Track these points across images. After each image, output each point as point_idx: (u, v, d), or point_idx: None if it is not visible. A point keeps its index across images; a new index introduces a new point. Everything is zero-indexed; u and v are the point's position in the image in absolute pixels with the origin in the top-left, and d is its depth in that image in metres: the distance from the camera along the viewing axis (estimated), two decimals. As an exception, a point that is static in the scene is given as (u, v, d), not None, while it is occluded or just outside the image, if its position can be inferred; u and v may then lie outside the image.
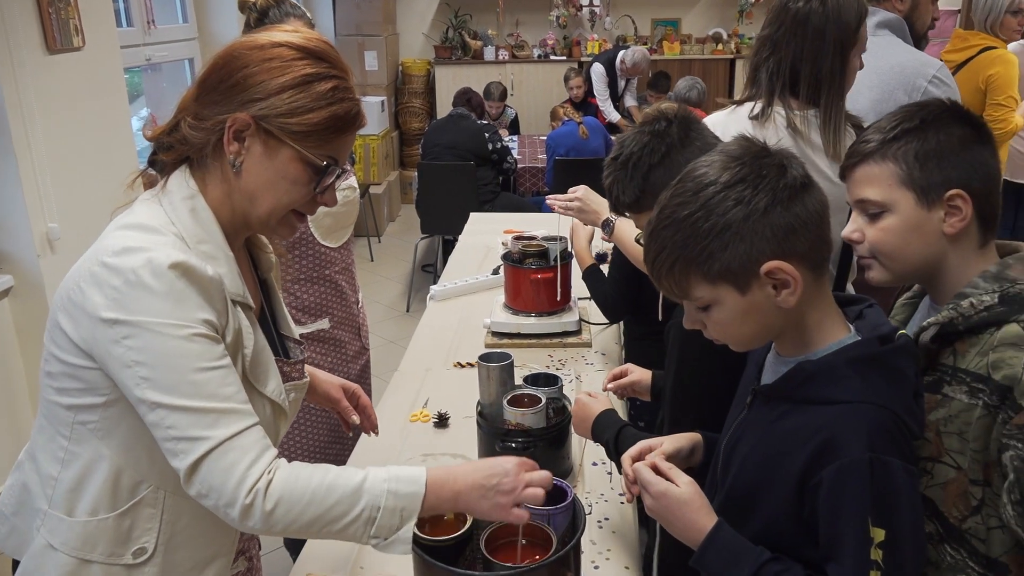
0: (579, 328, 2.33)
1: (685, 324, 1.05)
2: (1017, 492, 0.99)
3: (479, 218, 3.72)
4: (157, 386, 1.00)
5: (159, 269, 1.00)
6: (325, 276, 2.12)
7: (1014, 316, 1.03)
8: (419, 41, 7.80)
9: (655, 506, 1.06)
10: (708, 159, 1.00)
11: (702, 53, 7.65)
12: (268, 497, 1.01)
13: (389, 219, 6.86)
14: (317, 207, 1.14)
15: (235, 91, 1.06)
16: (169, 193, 1.10)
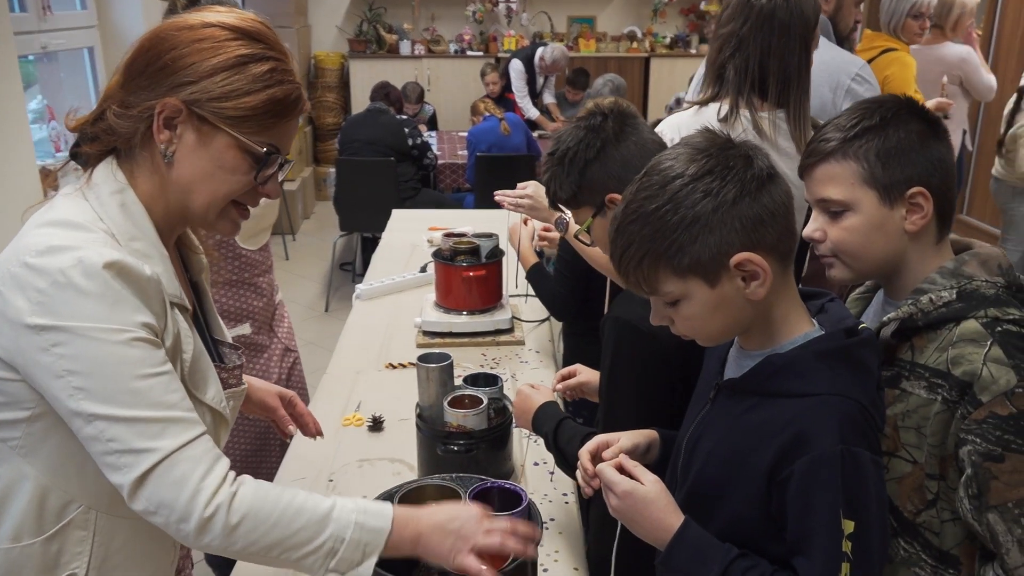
0: (512, 326, 2.30)
1: (652, 320, 1.03)
2: (974, 486, 1.01)
3: (402, 215, 3.65)
4: (94, 396, 0.92)
5: (92, 269, 0.92)
6: (245, 280, 2.04)
7: (972, 312, 1.04)
8: (332, 34, 7.61)
9: (620, 506, 1.04)
10: (673, 152, 0.98)
11: (617, 51, 7.74)
12: (233, 511, 0.94)
13: (304, 216, 6.67)
14: (259, 199, 1.07)
15: (164, 75, 0.98)
16: (95, 187, 1.01)
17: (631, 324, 1.25)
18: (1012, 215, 4.46)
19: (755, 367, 1.00)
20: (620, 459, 1.07)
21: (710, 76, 1.86)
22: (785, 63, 1.78)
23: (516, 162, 4.89)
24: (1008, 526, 0.99)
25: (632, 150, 1.29)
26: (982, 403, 1.00)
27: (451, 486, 1.17)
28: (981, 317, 1.03)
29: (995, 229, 5.65)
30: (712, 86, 1.85)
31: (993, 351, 1.01)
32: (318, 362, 2.24)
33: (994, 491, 0.99)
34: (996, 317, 1.03)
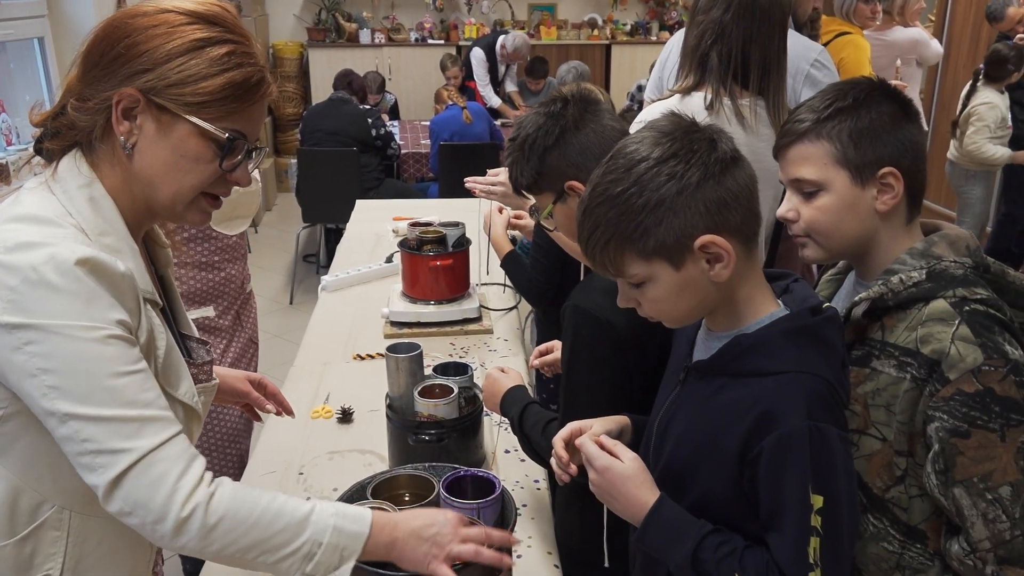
0: (480, 315, 2.30)
1: (619, 302, 1.04)
2: (941, 462, 1.03)
3: (366, 205, 3.62)
4: (69, 395, 0.90)
5: (64, 266, 0.90)
6: (215, 263, 2.02)
7: (941, 292, 1.06)
8: (290, 23, 7.51)
9: (599, 481, 1.05)
10: (639, 135, 0.99)
11: (578, 38, 7.74)
12: (211, 512, 0.92)
13: (265, 208, 6.58)
14: (229, 188, 1.04)
15: (119, 64, 0.96)
16: (61, 180, 0.99)
17: (588, 312, 1.26)
18: (966, 197, 4.57)
19: (723, 348, 1.01)
20: (601, 438, 1.08)
21: (691, 64, 1.86)
22: (765, 50, 1.80)
23: (479, 150, 4.87)
24: (973, 500, 1.01)
25: (591, 138, 1.29)
26: (949, 381, 1.02)
27: (424, 475, 1.17)
28: (950, 297, 1.06)
29: (950, 211, 5.77)
30: (694, 74, 1.85)
31: (961, 330, 1.03)
32: (284, 355, 2.22)
33: (960, 466, 1.02)
34: (964, 297, 1.05)
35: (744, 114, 1.80)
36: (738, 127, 1.80)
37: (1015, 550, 1.00)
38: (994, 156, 4.25)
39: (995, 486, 1.00)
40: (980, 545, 1.02)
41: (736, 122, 1.80)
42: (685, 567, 0.98)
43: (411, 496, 1.16)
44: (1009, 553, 1.00)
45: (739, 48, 1.79)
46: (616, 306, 1.16)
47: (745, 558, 0.96)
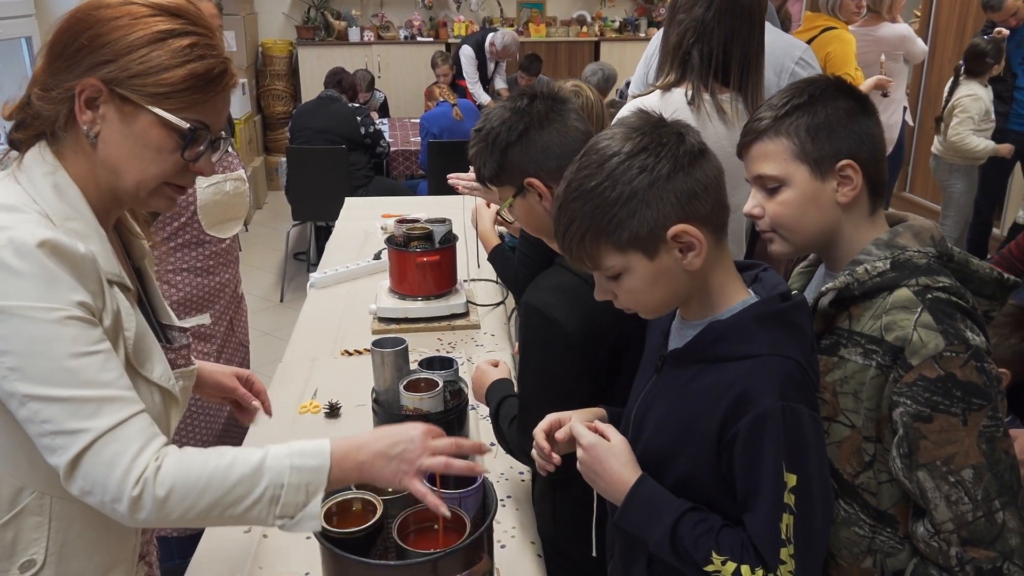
0: (467, 310, 2.32)
1: (596, 295, 1.07)
2: (905, 446, 1.06)
3: (355, 203, 3.64)
4: (28, 376, 0.91)
5: (24, 248, 0.91)
6: (209, 268, 2.00)
7: (904, 281, 1.09)
8: (279, 21, 7.50)
9: (585, 458, 1.08)
10: (609, 132, 1.02)
11: (567, 35, 7.76)
12: (159, 484, 0.93)
13: (256, 207, 6.59)
14: (193, 177, 1.06)
15: (82, 55, 0.97)
16: (26, 169, 1.01)
17: (538, 310, 1.28)
18: (951, 191, 4.61)
19: (698, 335, 1.04)
20: (595, 423, 1.11)
21: (672, 61, 1.87)
22: (746, 48, 1.82)
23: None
24: (936, 483, 1.04)
25: (554, 137, 1.30)
26: (912, 367, 1.04)
27: (407, 466, 1.19)
28: (913, 285, 1.08)
29: (936, 206, 5.81)
30: (675, 71, 1.87)
31: (923, 317, 1.05)
32: (275, 352, 2.23)
33: (923, 450, 1.04)
34: (927, 285, 1.08)
35: (725, 110, 1.83)
36: (719, 123, 1.82)
37: (977, 531, 1.03)
38: (977, 148, 4.29)
39: (957, 469, 1.03)
40: (943, 527, 1.04)
41: (717, 118, 1.82)
42: (664, 544, 1.01)
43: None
44: (972, 534, 1.03)
45: (721, 47, 1.81)
46: (565, 305, 1.18)
47: (722, 536, 0.99)
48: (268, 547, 1.40)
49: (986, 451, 1.03)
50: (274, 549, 1.40)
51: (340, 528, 1.07)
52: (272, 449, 1.00)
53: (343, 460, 1.02)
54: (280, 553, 1.39)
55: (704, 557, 0.99)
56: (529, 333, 1.33)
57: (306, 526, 1.00)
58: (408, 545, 1.06)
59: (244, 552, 1.39)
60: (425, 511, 1.11)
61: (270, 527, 1.01)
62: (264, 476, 0.97)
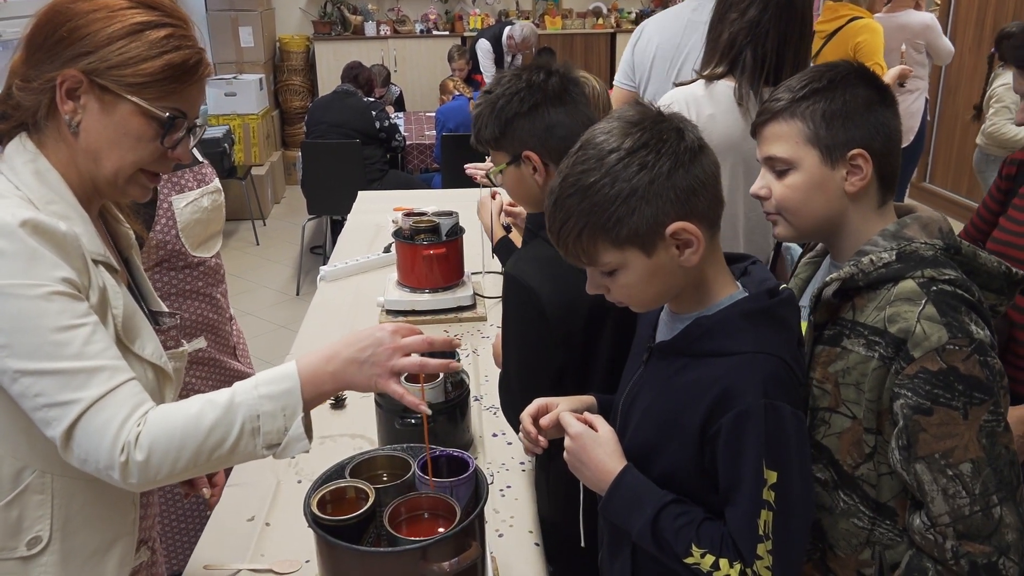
0: (474, 302, 2.33)
1: (588, 289, 1.07)
2: (904, 438, 1.06)
3: (368, 197, 3.66)
4: (17, 352, 0.93)
5: (6, 228, 0.94)
6: (199, 290, 1.91)
7: (909, 272, 1.08)
8: (296, 16, 7.55)
9: (572, 447, 1.09)
10: (606, 126, 1.01)
11: (583, 28, 7.74)
12: (139, 448, 0.95)
13: (274, 201, 6.65)
14: (170, 164, 1.09)
15: (61, 46, 1.00)
16: (8, 159, 1.04)
17: (516, 279, 1.32)
18: (985, 183, 4.54)
19: (685, 329, 1.05)
20: (585, 414, 1.12)
21: (721, 55, 1.88)
22: (797, 50, 1.83)
23: (483, 141, 4.90)
24: (934, 476, 1.04)
25: (562, 118, 1.31)
26: (914, 359, 1.04)
27: (401, 455, 1.21)
28: (918, 277, 1.07)
29: (957, 196, 5.75)
30: (722, 64, 1.87)
31: (927, 309, 1.05)
32: (290, 346, 2.24)
33: (922, 442, 1.04)
34: (932, 277, 1.07)
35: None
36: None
37: (973, 526, 1.03)
38: (1016, 137, 4.21)
39: (956, 463, 1.03)
40: (940, 520, 1.04)
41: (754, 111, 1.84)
42: (645, 535, 1.02)
43: (388, 475, 1.20)
44: (968, 528, 1.03)
45: (774, 49, 1.81)
46: (541, 275, 1.18)
47: (703, 529, 1.00)
48: (270, 535, 1.43)
49: (986, 446, 1.02)
50: (276, 537, 1.42)
51: (334, 516, 1.09)
52: (239, 385, 1.02)
53: (314, 376, 1.03)
54: (281, 541, 1.41)
55: (684, 549, 1.00)
56: (508, 300, 1.37)
57: (295, 448, 1.02)
58: (399, 533, 1.07)
59: (246, 540, 1.41)
60: (417, 499, 1.13)
61: (263, 458, 1.03)
62: (237, 413, 0.99)
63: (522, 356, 1.36)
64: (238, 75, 6.58)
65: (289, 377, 1.02)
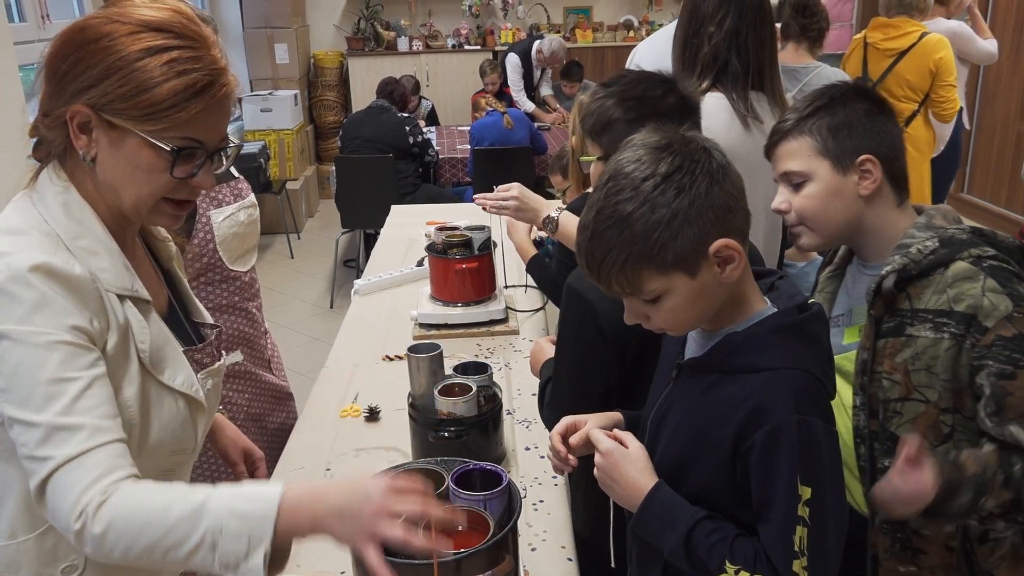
0: (506, 316, 2.34)
1: (627, 320, 1.06)
2: (992, 404, 1.12)
3: (400, 211, 3.70)
4: (11, 399, 0.93)
5: (17, 273, 0.94)
6: (235, 304, 1.94)
7: (957, 254, 1.17)
8: (330, 33, 7.66)
9: (602, 464, 1.10)
10: (632, 155, 1.00)
11: (614, 40, 7.75)
12: (97, 520, 0.90)
13: (308, 215, 6.74)
14: (195, 191, 1.06)
15: (67, 80, 0.98)
16: (40, 189, 1.05)
17: (578, 292, 1.34)
18: None
19: (715, 345, 1.05)
20: (614, 431, 1.13)
21: (704, 68, 1.91)
22: (771, 50, 1.92)
23: (515, 155, 4.93)
24: None
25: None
26: (988, 329, 1.12)
27: (435, 469, 1.22)
28: (966, 257, 1.17)
29: (996, 206, 5.65)
30: (706, 77, 1.91)
31: (988, 283, 1.14)
32: (323, 357, 2.26)
33: (1010, 406, 1.11)
34: (979, 256, 1.16)
35: (757, 110, 1.90)
36: (754, 124, 1.88)
37: None
38: None
39: None
40: None
41: (751, 118, 1.89)
42: (678, 551, 1.02)
43: (423, 488, 1.21)
44: None
45: (755, 53, 1.89)
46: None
47: (736, 545, 1.00)
48: (306, 546, 1.44)
49: None
50: (311, 548, 1.44)
51: (369, 528, 1.10)
52: (219, 490, 0.94)
53: (294, 510, 0.92)
54: (317, 552, 1.43)
55: (718, 566, 0.99)
56: (567, 314, 1.38)
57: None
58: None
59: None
60: (452, 512, 1.14)
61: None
62: (203, 519, 0.90)
63: (575, 371, 1.37)
64: (274, 91, 6.68)
65: (268, 501, 0.92)
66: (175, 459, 1.15)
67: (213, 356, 1.22)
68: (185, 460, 1.18)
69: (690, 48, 1.94)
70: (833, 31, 6.22)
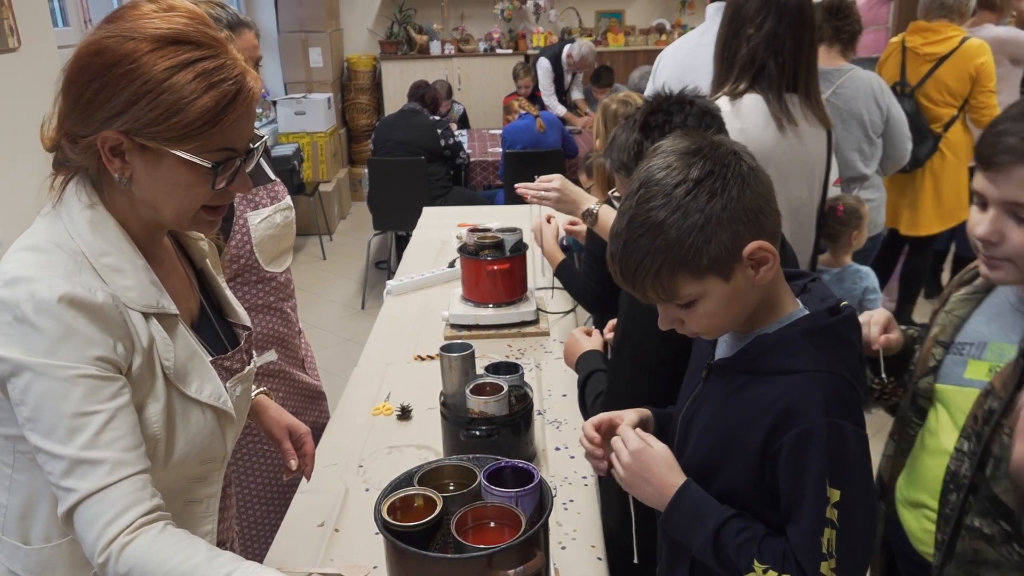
0: (537, 317, 2.36)
1: (661, 325, 1.07)
2: None
3: (432, 212, 3.73)
4: (37, 429, 0.96)
5: (42, 305, 0.95)
6: (271, 304, 1.96)
7: None
8: (364, 36, 7.74)
9: (630, 463, 1.10)
10: (662, 161, 1.01)
11: (646, 44, 7.73)
12: (121, 562, 0.95)
13: (340, 217, 6.81)
14: (231, 196, 1.08)
15: (93, 108, 0.97)
16: (66, 205, 1.04)
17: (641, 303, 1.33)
18: None
19: (745, 347, 1.05)
20: (637, 430, 1.13)
21: (741, 70, 1.96)
22: (809, 53, 1.94)
23: (546, 158, 4.94)
24: None
25: None
26: None
27: (467, 466, 1.24)
28: None
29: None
30: (743, 79, 1.96)
31: None
32: (355, 358, 2.29)
33: None
34: None
35: (792, 113, 1.93)
36: (788, 126, 1.92)
37: None
38: None
39: None
40: None
41: (786, 120, 1.92)
42: (706, 549, 1.03)
43: (455, 485, 1.23)
44: None
45: (792, 56, 1.91)
46: None
47: (765, 544, 1.00)
48: (339, 541, 1.47)
49: None
50: (345, 542, 1.47)
51: (403, 522, 1.12)
52: (241, 570, 0.97)
53: None
54: (350, 547, 1.46)
55: (746, 565, 1.00)
56: (630, 312, 1.38)
57: None
58: (466, 540, 1.10)
59: (317, 544, 1.46)
60: (483, 508, 1.15)
61: None
62: None
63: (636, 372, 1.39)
64: (307, 94, 6.77)
65: None
66: (205, 468, 1.17)
67: (243, 361, 1.23)
68: (216, 468, 1.20)
69: (729, 49, 1.98)
70: (868, 35, 6.15)
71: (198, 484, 1.17)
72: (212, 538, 1.21)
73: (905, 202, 3.79)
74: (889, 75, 3.80)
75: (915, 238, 3.89)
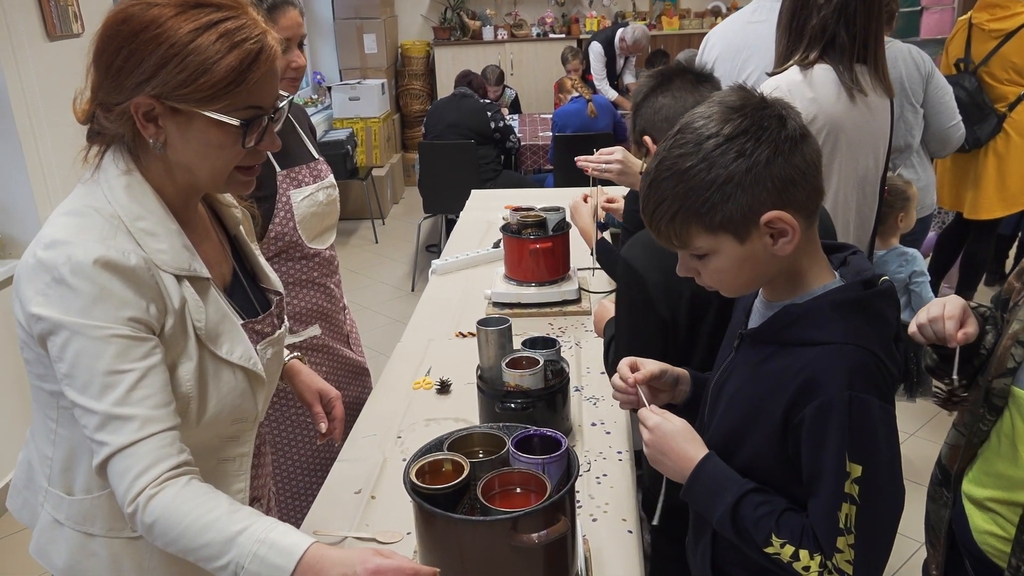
0: (579, 296, 2.35)
1: (679, 271, 1.07)
2: None
3: (480, 195, 3.75)
4: (73, 385, 1.01)
5: (79, 267, 0.99)
6: (314, 280, 1.99)
7: None
8: (418, 23, 7.79)
9: (651, 439, 1.10)
10: (706, 110, 1.00)
11: (701, 27, 7.60)
12: (148, 512, 1.00)
13: (393, 201, 6.89)
14: (262, 155, 1.12)
15: (123, 75, 1.01)
16: (104, 171, 1.08)
17: (627, 262, 1.40)
18: None
19: (773, 316, 1.04)
20: (652, 407, 1.13)
21: (811, 40, 1.96)
22: (879, 26, 1.95)
23: (597, 142, 4.86)
24: None
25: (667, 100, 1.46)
26: None
27: (496, 433, 1.25)
28: None
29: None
30: (813, 49, 1.96)
31: None
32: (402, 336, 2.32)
33: None
34: None
35: (862, 83, 1.94)
36: (859, 96, 1.93)
37: None
38: None
39: None
40: None
41: (856, 91, 1.93)
42: (725, 522, 1.02)
43: (484, 452, 1.24)
44: None
45: (863, 26, 1.92)
46: (651, 259, 1.21)
47: (783, 519, 0.99)
48: (375, 507, 1.51)
49: None
50: (380, 509, 1.50)
51: (430, 484, 1.14)
52: (254, 526, 1.00)
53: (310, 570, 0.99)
54: (385, 513, 1.49)
55: (764, 538, 0.99)
56: (620, 284, 1.45)
57: None
58: (492, 504, 1.11)
59: (353, 510, 1.49)
60: (510, 474, 1.17)
61: None
62: (231, 550, 0.99)
63: (630, 341, 1.44)
64: (362, 80, 6.85)
65: (290, 556, 0.99)
66: (237, 427, 1.21)
67: (274, 325, 1.27)
68: (248, 428, 1.23)
69: (798, 20, 1.96)
70: (933, 15, 5.95)
71: (230, 443, 1.21)
72: (244, 496, 1.25)
73: (968, 184, 3.67)
74: (954, 53, 3.67)
75: (978, 222, 3.76)
